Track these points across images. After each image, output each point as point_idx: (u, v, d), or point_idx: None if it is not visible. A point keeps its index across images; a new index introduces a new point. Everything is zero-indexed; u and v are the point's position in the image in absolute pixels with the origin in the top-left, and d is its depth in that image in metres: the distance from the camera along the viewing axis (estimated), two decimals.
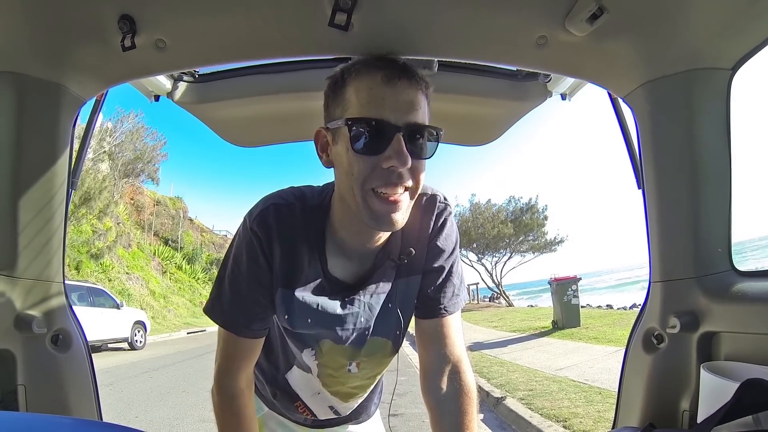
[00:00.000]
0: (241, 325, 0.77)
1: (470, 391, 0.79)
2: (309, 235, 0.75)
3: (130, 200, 23.22)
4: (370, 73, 0.65)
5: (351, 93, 0.66)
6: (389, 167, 0.63)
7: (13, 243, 0.87)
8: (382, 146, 0.63)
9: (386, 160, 0.63)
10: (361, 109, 0.64)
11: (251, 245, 0.73)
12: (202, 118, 1.25)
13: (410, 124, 0.64)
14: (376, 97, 0.64)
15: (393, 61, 0.67)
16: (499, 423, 3.77)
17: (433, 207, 0.80)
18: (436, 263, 0.81)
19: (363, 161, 0.64)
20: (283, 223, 0.73)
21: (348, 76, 0.67)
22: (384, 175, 0.64)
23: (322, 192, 0.79)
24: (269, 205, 0.74)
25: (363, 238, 0.75)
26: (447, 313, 0.81)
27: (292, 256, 0.74)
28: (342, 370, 0.86)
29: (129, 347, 10.65)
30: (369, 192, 0.65)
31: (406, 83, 0.65)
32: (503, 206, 20.95)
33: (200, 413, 4.35)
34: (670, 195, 0.92)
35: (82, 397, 0.99)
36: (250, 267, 0.74)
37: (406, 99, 0.65)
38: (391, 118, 0.63)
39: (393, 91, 0.64)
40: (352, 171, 0.65)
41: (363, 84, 0.65)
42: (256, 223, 0.73)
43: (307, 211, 0.75)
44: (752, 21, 0.79)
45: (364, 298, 0.78)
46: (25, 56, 0.84)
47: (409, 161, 0.63)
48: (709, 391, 0.82)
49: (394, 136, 0.63)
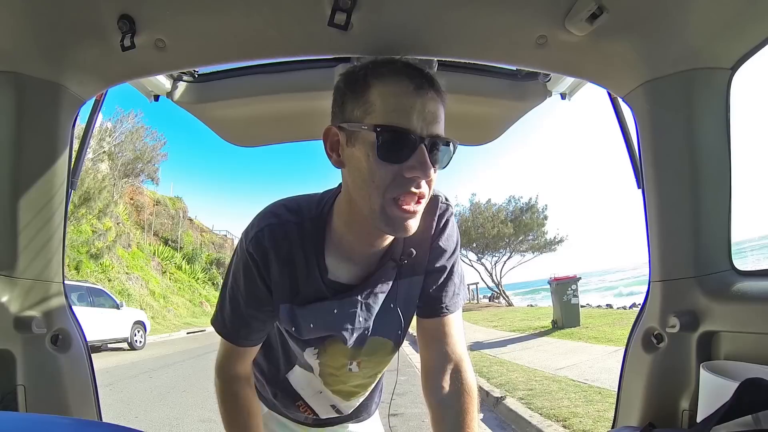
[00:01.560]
0: (241, 337, 0.82)
1: (471, 390, 0.79)
2: (306, 248, 0.75)
3: (130, 200, 23.20)
4: (399, 79, 0.65)
5: (376, 96, 0.65)
6: (412, 176, 0.64)
7: (13, 243, 0.87)
8: (405, 155, 0.63)
9: (409, 170, 0.63)
10: (388, 116, 0.63)
11: (248, 266, 0.75)
12: (201, 118, 1.25)
13: (433, 135, 0.65)
14: (405, 106, 0.63)
15: (421, 71, 0.67)
16: (499, 423, 3.77)
17: (436, 208, 0.80)
18: (439, 263, 0.82)
19: (385, 169, 0.64)
20: (278, 243, 0.74)
21: (373, 78, 0.66)
22: (405, 183, 0.64)
23: (320, 201, 0.79)
24: (264, 226, 0.74)
25: (370, 240, 0.76)
26: (448, 312, 0.82)
27: (290, 272, 0.75)
28: (343, 369, 0.86)
29: (129, 347, 10.64)
30: (388, 200, 0.65)
31: (433, 95, 0.65)
32: (503, 206, 20.97)
33: (200, 413, 4.35)
34: (669, 194, 0.92)
35: (81, 398, 0.99)
36: (247, 286, 0.77)
37: (431, 110, 0.65)
38: (418, 128, 0.63)
39: (422, 101, 0.64)
40: (372, 178, 0.65)
41: (391, 90, 0.65)
42: (252, 245, 0.74)
43: (305, 225, 0.76)
44: (752, 21, 0.79)
45: (361, 298, 0.79)
46: (24, 56, 0.83)
47: (430, 172, 0.64)
48: (709, 390, 0.82)
49: (418, 146, 0.63)
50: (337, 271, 0.78)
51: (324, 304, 0.77)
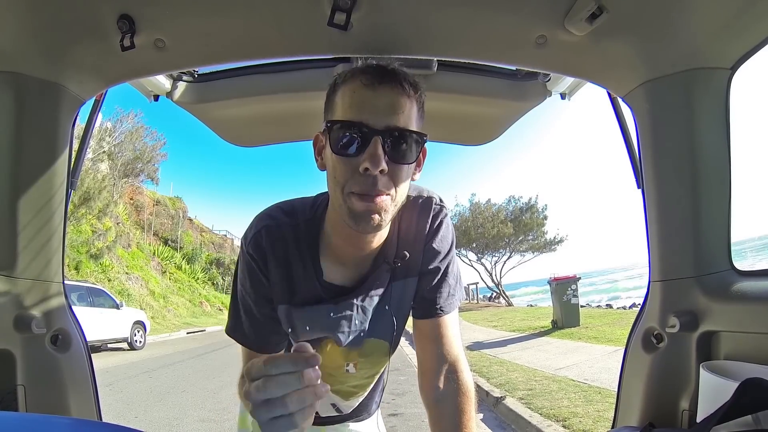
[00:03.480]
0: (258, 341, 0.81)
1: (468, 390, 0.80)
2: (302, 250, 0.77)
3: (130, 200, 23.19)
4: (354, 77, 0.66)
5: (338, 97, 0.67)
6: (364, 170, 0.63)
7: (13, 243, 0.87)
8: (359, 149, 0.63)
9: (362, 163, 0.63)
10: (344, 113, 0.65)
11: (251, 267, 0.77)
12: (201, 118, 1.25)
13: (390, 127, 0.63)
14: (357, 101, 0.64)
15: (379, 66, 0.67)
16: (499, 422, 3.77)
17: (429, 209, 0.81)
18: (432, 265, 0.82)
19: (342, 163, 0.65)
20: (275, 244, 0.76)
21: (339, 80, 0.68)
22: (360, 178, 0.64)
23: (314, 203, 0.80)
24: (261, 228, 0.77)
25: (355, 242, 0.76)
26: (443, 313, 0.82)
27: (288, 273, 0.77)
28: (340, 370, 0.87)
29: (128, 347, 10.64)
30: (348, 195, 0.65)
31: (387, 87, 0.64)
32: (503, 206, 20.98)
33: (200, 413, 4.35)
34: (669, 194, 0.92)
35: (81, 397, 0.99)
36: (254, 288, 0.78)
37: (386, 102, 0.64)
38: (370, 121, 0.63)
39: (373, 94, 0.64)
40: (334, 174, 0.66)
41: (348, 88, 0.66)
42: (251, 246, 0.76)
43: (299, 226, 0.77)
44: (751, 21, 0.79)
45: (357, 301, 0.79)
46: (24, 56, 0.83)
47: (382, 164, 0.62)
48: (709, 390, 0.82)
49: (370, 139, 0.63)
50: (332, 273, 0.78)
51: (320, 307, 0.78)
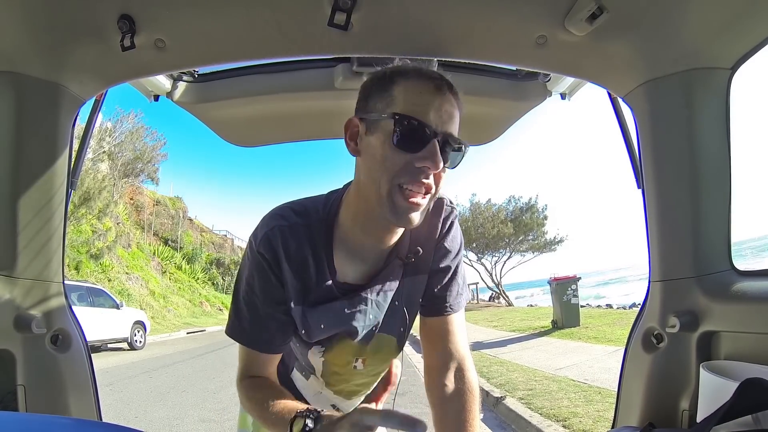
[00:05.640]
0: (263, 341, 0.79)
1: (473, 389, 0.80)
2: (316, 250, 0.76)
3: (130, 200, 23.19)
4: (422, 79, 0.70)
5: (399, 91, 0.69)
6: (422, 167, 0.67)
7: (13, 243, 0.87)
8: (418, 146, 0.67)
9: (420, 160, 0.67)
10: (408, 109, 0.68)
11: (261, 267, 0.75)
12: (201, 118, 1.25)
13: (447, 133, 0.69)
14: (425, 102, 0.68)
15: (442, 76, 0.72)
16: (499, 422, 3.77)
17: (441, 210, 0.83)
18: (443, 263, 0.84)
19: (398, 156, 0.67)
20: (288, 244, 0.75)
21: (398, 75, 0.71)
22: (414, 172, 0.68)
23: (326, 202, 0.80)
24: (273, 227, 0.75)
25: (377, 233, 0.77)
26: (452, 311, 0.84)
27: (301, 274, 0.76)
28: (348, 367, 0.87)
29: (129, 347, 10.63)
30: (395, 186, 0.68)
31: (451, 98, 0.70)
32: (503, 206, 20.94)
33: (200, 413, 4.35)
34: (669, 194, 0.92)
35: (81, 397, 0.99)
36: (262, 287, 0.76)
37: (448, 111, 0.69)
38: (433, 123, 0.67)
39: (441, 100, 0.69)
40: (385, 163, 0.68)
41: (414, 86, 0.69)
42: (263, 246, 0.75)
43: (312, 226, 0.77)
44: (752, 21, 0.79)
45: (372, 296, 0.80)
46: (24, 56, 0.83)
47: (440, 165, 0.67)
48: (709, 390, 0.82)
49: (431, 140, 0.67)
50: (345, 271, 0.79)
51: (334, 303, 0.78)
